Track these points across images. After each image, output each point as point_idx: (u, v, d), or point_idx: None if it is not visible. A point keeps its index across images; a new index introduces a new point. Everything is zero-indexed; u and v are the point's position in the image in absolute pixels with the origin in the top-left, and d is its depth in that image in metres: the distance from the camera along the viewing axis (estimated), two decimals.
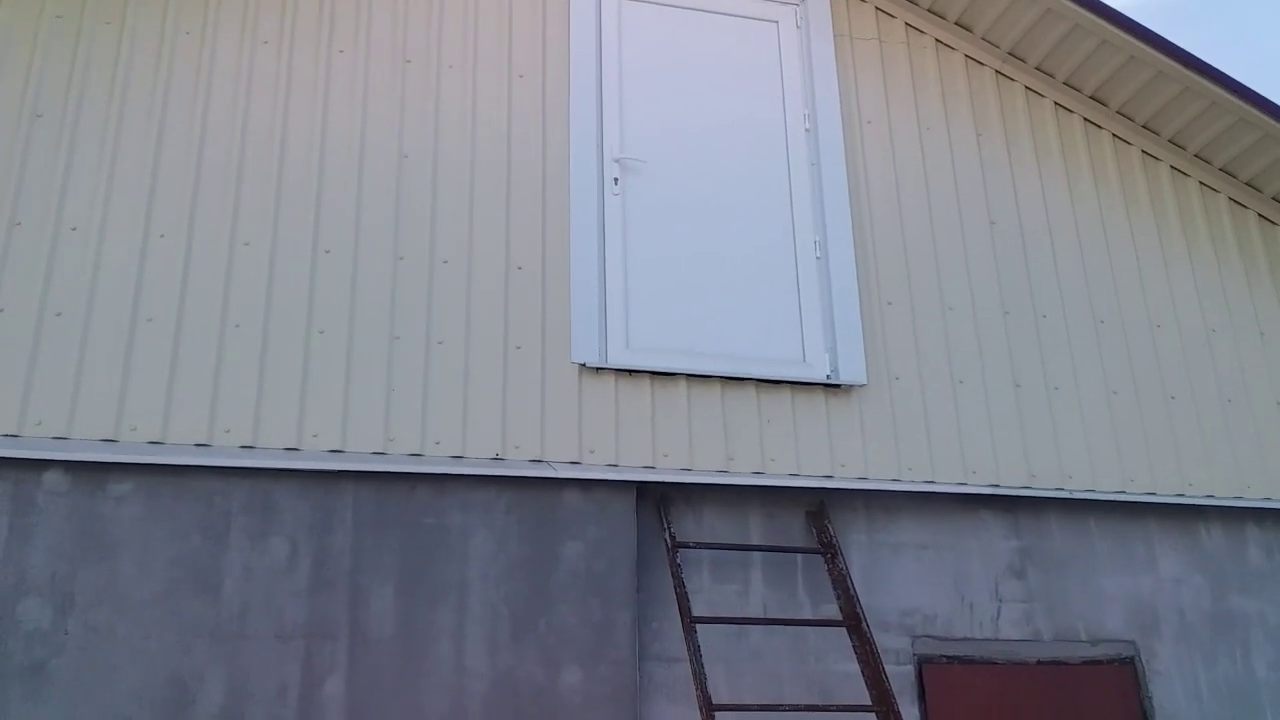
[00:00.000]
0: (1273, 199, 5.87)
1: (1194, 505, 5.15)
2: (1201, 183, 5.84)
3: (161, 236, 4.44)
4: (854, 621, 4.32)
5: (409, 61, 5.01)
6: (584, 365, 4.62)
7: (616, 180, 5.00)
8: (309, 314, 4.46)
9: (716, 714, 4.20)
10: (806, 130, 5.33)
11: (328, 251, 4.58)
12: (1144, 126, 5.81)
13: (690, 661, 4.00)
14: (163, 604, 3.93)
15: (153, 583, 3.96)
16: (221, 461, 4.11)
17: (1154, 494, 5.03)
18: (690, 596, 4.44)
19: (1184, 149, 5.82)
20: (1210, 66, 5.39)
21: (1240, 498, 5.15)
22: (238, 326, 4.36)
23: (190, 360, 4.27)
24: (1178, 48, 5.37)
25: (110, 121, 4.59)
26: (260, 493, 4.16)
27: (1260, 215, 5.86)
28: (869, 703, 4.24)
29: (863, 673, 4.24)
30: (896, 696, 4.41)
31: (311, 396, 4.32)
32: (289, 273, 4.50)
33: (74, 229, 4.37)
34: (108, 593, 3.91)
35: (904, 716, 4.42)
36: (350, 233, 4.63)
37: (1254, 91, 5.43)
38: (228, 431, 4.21)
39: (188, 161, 4.60)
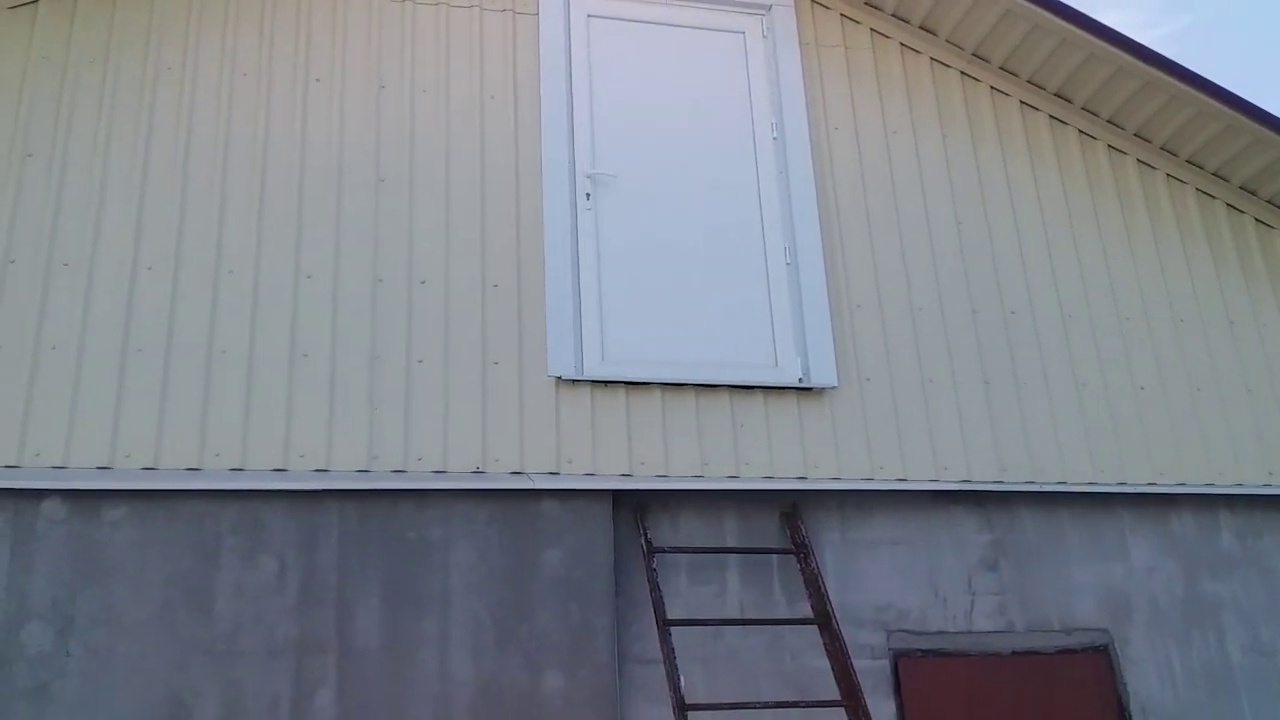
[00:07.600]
0: (1240, 188, 5.94)
1: (1165, 494, 5.25)
2: (1169, 174, 5.90)
3: (149, 269, 4.61)
4: (824, 619, 4.46)
5: (383, 87, 5.16)
6: (560, 378, 4.76)
7: (589, 195, 5.13)
8: (292, 338, 4.61)
9: (690, 713, 4.35)
10: (774, 138, 5.44)
11: (309, 276, 4.73)
12: (1109, 121, 5.88)
13: (665, 663, 4.16)
14: (158, 624, 4.12)
15: (148, 604, 4.14)
16: (212, 485, 4.29)
17: (1125, 484, 5.13)
18: (669, 599, 4.59)
19: (1150, 142, 5.89)
20: (1178, 64, 5.45)
21: (1212, 485, 5.24)
22: (224, 353, 4.52)
23: (180, 387, 4.43)
24: (1138, 44, 5.44)
25: (97, 156, 4.76)
26: (249, 513, 4.34)
27: (1229, 205, 5.92)
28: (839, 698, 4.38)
29: (832, 669, 4.38)
30: (873, 690, 4.56)
31: (297, 418, 4.48)
32: (272, 298, 4.66)
33: (66, 264, 4.55)
34: (106, 615, 4.10)
35: (879, 710, 4.57)
36: (330, 257, 4.78)
37: (1227, 90, 5.48)
38: (218, 455, 4.37)
39: (172, 195, 4.74)
